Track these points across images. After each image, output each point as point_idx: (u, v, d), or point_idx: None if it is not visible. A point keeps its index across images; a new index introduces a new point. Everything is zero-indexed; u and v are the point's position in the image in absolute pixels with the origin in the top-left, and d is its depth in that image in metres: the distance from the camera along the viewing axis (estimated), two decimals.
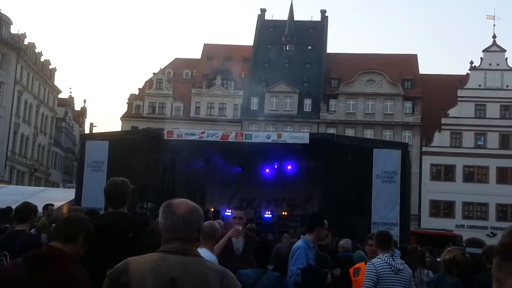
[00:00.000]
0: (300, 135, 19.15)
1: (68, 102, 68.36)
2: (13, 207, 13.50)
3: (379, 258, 5.78)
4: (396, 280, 5.66)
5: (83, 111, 76.07)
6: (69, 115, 68.31)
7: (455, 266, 6.68)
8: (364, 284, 5.67)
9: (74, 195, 18.59)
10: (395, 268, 5.66)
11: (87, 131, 67.34)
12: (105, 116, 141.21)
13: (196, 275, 2.45)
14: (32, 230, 9.01)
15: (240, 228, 6.35)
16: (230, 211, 20.67)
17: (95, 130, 62.34)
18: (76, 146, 62.55)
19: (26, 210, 6.26)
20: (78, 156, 27.58)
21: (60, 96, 65.78)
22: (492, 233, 49.37)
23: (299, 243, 6.81)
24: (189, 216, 2.61)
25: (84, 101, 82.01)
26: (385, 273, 5.63)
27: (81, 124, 73.93)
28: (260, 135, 19.46)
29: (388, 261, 5.69)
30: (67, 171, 66.91)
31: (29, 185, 48.62)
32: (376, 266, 5.67)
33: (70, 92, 78.67)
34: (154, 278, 2.40)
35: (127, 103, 60.70)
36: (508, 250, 1.46)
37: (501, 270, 1.46)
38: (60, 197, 22.50)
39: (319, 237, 6.82)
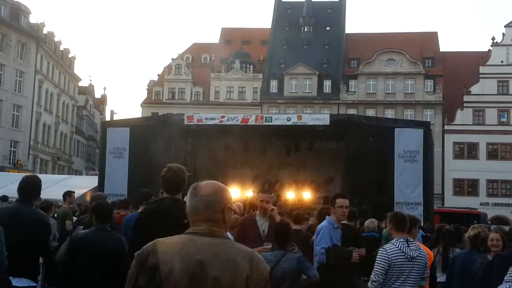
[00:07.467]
0: (320, 117, 19.03)
1: (88, 90, 68.82)
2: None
3: (393, 244, 5.66)
4: (409, 267, 5.55)
5: (104, 98, 76.50)
6: (89, 103, 68.78)
7: (480, 242, 6.68)
8: (374, 270, 5.59)
9: (97, 182, 18.76)
10: (409, 256, 5.54)
11: (108, 118, 67.72)
12: (126, 103, 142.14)
13: (224, 257, 2.44)
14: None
15: (270, 246, 6.17)
16: (253, 193, 20.70)
17: (115, 117, 62.66)
18: (97, 133, 63.04)
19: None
20: (100, 143, 27.76)
21: (80, 84, 66.24)
22: None
23: (323, 223, 6.73)
24: (212, 197, 2.57)
25: (104, 88, 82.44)
26: (398, 260, 5.53)
27: (102, 112, 74.40)
28: (281, 117, 19.37)
29: (402, 248, 5.57)
30: (89, 159, 67.50)
31: (53, 173, 49.15)
32: (388, 253, 5.57)
33: (90, 80, 78.82)
34: (182, 260, 2.40)
35: (147, 89, 61.00)
36: None
37: None
38: (83, 184, 22.75)
39: (336, 217, 6.69)
